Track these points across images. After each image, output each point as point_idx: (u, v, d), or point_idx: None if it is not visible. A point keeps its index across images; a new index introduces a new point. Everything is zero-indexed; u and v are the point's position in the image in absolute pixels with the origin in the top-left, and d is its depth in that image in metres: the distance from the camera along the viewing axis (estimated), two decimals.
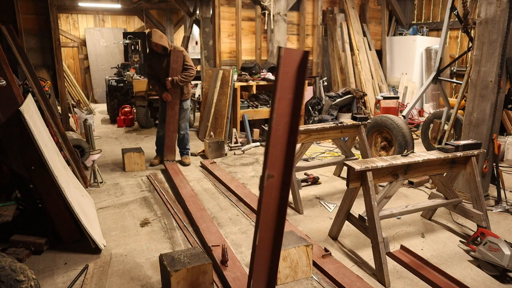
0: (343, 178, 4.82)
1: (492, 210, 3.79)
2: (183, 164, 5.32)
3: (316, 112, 7.14)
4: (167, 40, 4.84)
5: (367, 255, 3.02)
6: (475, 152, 3.20)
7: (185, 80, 4.89)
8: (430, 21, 8.57)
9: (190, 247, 3.12)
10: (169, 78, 4.81)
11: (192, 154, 5.82)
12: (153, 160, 5.35)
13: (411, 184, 4.50)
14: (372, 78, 7.86)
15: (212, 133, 6.36)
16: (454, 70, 8.04)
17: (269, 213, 2.15)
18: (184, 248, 3.14)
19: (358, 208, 3.51)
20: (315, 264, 2.81)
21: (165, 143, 5.19)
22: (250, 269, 2.20)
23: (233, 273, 2.66)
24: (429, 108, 7.98)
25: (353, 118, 4.42)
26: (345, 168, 2.89)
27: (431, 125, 5.60)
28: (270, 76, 6.61)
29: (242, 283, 2.54)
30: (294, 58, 1.95)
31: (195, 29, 10.41)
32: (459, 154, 3.12)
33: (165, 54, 4.83)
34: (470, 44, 4.63)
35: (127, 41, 9.63)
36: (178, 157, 5.47)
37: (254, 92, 6.63)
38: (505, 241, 2.78)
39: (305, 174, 4.72)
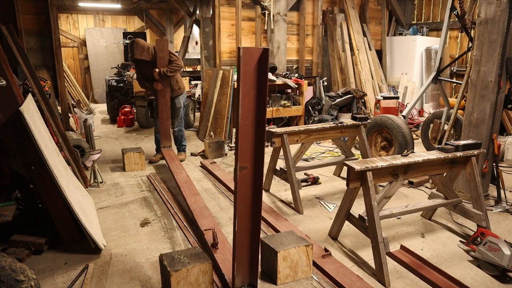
0: (343, 178, 4.82)
1: (492, 210, 3.79)
2: None
3: (316, 112, 7.14)
4: (149, 48, 4.91)
5: (367, 255, 3.02)
6: (475, 152, 3.20)
7: (172, 71, 4.96)
8: (430, 21, 8.57)
9: (190, 247, 3.12)
10: (156, 70, 4.91)
11: (192, 154, 5.82)
12: (153, 157, 5.39)
13: (411, 184, 4.50)
14: (372, 78, 7.86)
15: (212, 133, 6.36)
16: (454, 70, 8.03)
17: (245, 201, 2.34)
18: (184, 248, 3.14)
19: (358, 208, 3.51)
20: (315, 264, 2.81)
21: (160, 131, 5.25)
22: (233, 254, 2.39)
23: (223, 255, 2.82)
24: (429, 108, 7.98)
25: (353, 118, 4.42)
26: (345, 168, 2.89)
27: (431, 125, 5.60)
28: (271, 76, 6.61)
29: (231, 264, 2.63)
30: (253, 56, 2.11)
31: (195, 29, 10.40)
32: (459, 154, 3.12)
33: (150, 60, 4.94)
34: (470, 44, 4.63)
35: (127, 41, 9.63)
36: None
37: None
38: (505, 241, 2.78)
39: (305, 174, 4.71)
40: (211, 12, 7.75)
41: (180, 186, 4.00)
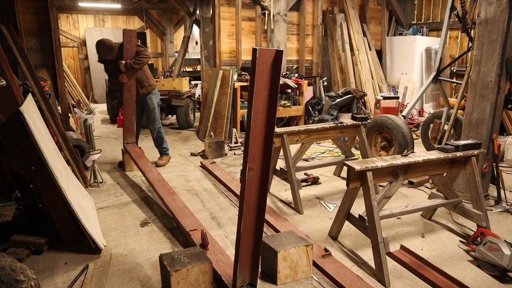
0: (343, 178, 4.82)
1: (492, 210, 3.79)
2: (157, 165, 5.17)
3: (316, 112, 7.14)
4: (114, 47, 4.80)
5: (367, 255, 3.02)
6: (475, 152, 3.20)
7: (138, 62, 4.77)
8: (430, 21, 8.57)
9: (190, 247, 3.12)
10: (123, 62, 4.75)
11: (192, 154, 5.82)
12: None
13: (411, 184, 4.50)
14: (372, 78, 7.87)
15: (212, 133, 6.36)
16: (454, 70, 8.04)
17: (251, 203, 2.33)
18: (184, 248, 3.14)
19: (358, 208, 3.51)
20: (315, 264, 2.81)
21: (124, 125, 5.09)
22: (235, 254, 2.38)
23: (215, 256, 2.78)
24: (429, 108, 7.98)
25: (353, 118, 4.42)
26: (345, 168, 2.89)
27: (431, 125, 5.60)
28: None
29: (224, 264, 2.65)
30: (268, 57, 2.11)
31: (195, 29, 10.42)
32: (459, 154, 3.12)
33: (115, 59, 4.82)
34: (470, 44, 4.63)
35: None
36: (156, 156, 5.50)
37: None
38: (505, 241, 2.78)
39: (305, 174, 4.71)
40: (211, 12, 7.76)
41: (154, 185, 3.92)
